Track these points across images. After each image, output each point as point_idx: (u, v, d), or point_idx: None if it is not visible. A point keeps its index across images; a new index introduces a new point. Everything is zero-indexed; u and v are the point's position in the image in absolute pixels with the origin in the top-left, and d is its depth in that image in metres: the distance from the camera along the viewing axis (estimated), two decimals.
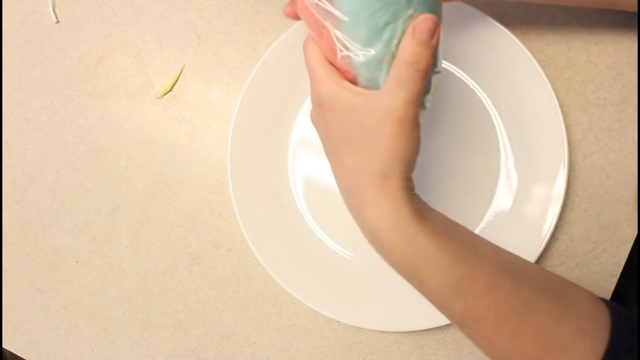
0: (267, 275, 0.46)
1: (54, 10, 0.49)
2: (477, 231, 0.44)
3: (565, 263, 0.44)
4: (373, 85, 0.30)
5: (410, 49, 0.28)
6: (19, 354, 0.50)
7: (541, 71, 0.40)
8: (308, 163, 0.46)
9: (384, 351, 0.45)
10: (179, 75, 0.48)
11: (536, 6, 0.42)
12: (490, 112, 0.43)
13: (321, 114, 0.31)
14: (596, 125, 0.43)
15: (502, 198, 0.43)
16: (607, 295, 0.43)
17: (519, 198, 0.43)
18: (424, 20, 0.28)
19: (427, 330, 0.45)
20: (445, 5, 0.33)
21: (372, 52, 0.29)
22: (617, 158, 0.42)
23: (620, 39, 0.43)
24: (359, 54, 0.29)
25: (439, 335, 0.45)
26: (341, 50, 0.30)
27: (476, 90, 0.43)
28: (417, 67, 0.28)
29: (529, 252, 0.41)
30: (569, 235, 0.43)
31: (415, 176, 0.44)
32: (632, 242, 0.42)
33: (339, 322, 0.46)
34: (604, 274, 0.43)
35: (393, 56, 0.29)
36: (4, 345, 0.50)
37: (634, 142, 0.42)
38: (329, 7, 0.29)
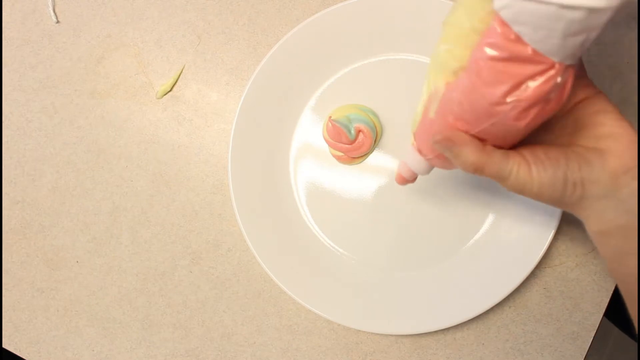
0: (267, 276, 0.46)
1: (54, 10, 0.49)
2: (479, 233, 0.44)
3: (565, 263, 0.44)
4: None
5: None
6: (19, 354, 0.50)
7: None
8: (310, 164, 0.46)
9: (384, 351, 0.45)
10: (179, 75, 0.48)
11: None
12: None
13: None
14: None
15: (504, 200, 0.43)
16: (607, 295, 0.43)
17: (520, 199, 0.43)
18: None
19: None
20: None
21: None
22: None
23: (620, 39, 0.43)
24: None
25: (439, 335, 0.45)
26: None
27: None
28: None
29: (531, 253, 0.41)
30: (569, 235, 0.43)
31: (419, 177, 0.44)
32: None
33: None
34: (604, 274, 0.43)
35: None
36: (4, 345, 0.50)
37: None
38: None
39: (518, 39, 0.25)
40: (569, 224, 0.43)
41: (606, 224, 0.29)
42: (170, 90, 0.48)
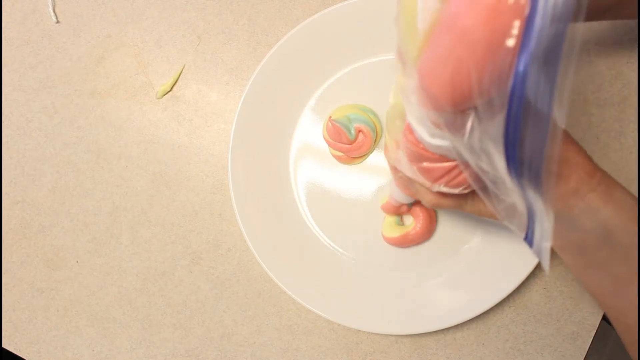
0: (267, 276, 0.46)
1: (54, 10, 0.49)
2: (479, 233, 0.44)
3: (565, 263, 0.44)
4: None
5: None
6: (19, 354, 0.50)
7: None
8: (310, 164, 0.46)
9: (384, 351, 0.45)
10: (179, 75, 0.48)
11: None
12: None
13: None
14: (596, 125, 0.43)
15: None
16: None
17: None
18: None
19: None
20: None
21: None
22: (617, 158, 0.42)
23: (620, 39, 0.43)
24: None
25: (439, 335, 0.45)
26: None
27: None
28: None
29: (531, 253, 0.41)
30: None
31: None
32: None
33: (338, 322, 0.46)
34: None
35: None
36: (4, 345, 0.50)
37: (634, 142, 0.42)
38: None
39: (425, 149, 0.28)
40: None
41: (561, 239, 0.31)
42: (170, 90, 0.48)
